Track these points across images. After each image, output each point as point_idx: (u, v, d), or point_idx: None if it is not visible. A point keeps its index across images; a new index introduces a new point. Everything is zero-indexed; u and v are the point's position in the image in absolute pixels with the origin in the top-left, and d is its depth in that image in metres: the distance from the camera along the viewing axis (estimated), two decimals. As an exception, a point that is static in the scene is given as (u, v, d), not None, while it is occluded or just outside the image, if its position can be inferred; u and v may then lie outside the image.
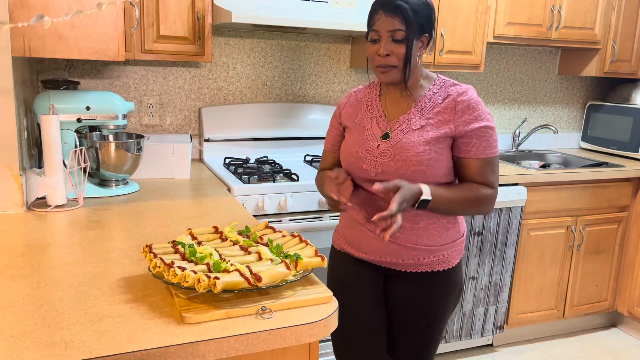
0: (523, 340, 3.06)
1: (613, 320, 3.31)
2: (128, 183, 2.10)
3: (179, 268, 1.10)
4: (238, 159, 2.59)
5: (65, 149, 1.92)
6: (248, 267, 1.12)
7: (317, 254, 1.25)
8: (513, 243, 2.74)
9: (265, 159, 2.63)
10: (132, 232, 1.59)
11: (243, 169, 2.44)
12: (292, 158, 2.76)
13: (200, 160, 2.67)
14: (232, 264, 1.13)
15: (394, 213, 1.34)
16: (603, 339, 3.15)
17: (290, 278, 1.15)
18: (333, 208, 1.53)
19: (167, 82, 2.59)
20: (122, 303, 1.12)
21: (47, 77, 2.32)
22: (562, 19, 2.92)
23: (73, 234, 1.55)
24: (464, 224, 1.66)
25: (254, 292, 1.13)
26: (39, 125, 1.85)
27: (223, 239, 1.35)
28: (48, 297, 1.14)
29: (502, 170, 2.68)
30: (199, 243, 1.29)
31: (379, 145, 1.53)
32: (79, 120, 1.95)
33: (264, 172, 2.37)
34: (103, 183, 2.05)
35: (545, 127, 3.32)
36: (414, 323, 1.63)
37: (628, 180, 3.01)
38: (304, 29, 2.49)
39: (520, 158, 3.32)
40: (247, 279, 1.08)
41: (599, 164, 3.05)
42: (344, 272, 1.67)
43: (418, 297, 1.60)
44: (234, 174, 2.35)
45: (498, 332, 2.85)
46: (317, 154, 2.76)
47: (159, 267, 1.13)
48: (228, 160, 2.59)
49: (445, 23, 2.67)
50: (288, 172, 2.39)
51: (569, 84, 3.54)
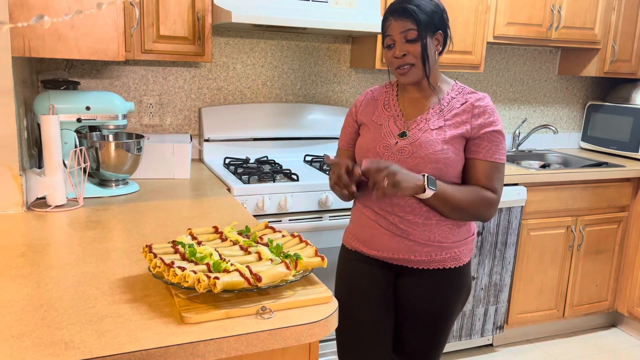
0: (523, 340, 3.06)
1: (613, 320, 3.31)
2: (128, 183, 2.10)
3: (179, 268, 1.10)
4: (238, 159, 2.59)
5: (65, 149, 1.92)
6: (248, 267, 1.11)
7: (317, 254, 1.25)
8: (513, 243, 2.74)
9: (265, 159, 2.63)
10: (132, 232, 1.59)
11: (243, 169, 2.44)
12: (292, 158, 2.76)
13: (200, 160, 2.67)
14: (232, 264, 1.13)
15: (386, 166, 1.38)
16: (603, 339, 3.15)
17: (290, 278, 1.15)
18: (343, 190, 1.55)
19: (167, 82, 2.59)
20: (122, 303, 1.12)
21: (47, 77, 2.32)
22: (562, 19, 2.92)
23: (73, 234, 1.55)
24: (474, 223, 1.66)
25: (254, 292, 1.13)
26: (39, 125, 1.85)
27: (223, 239, 1.34)
28: (48, 297, 1.14)
29: (502, 170, 2.68)
30: (199, 243, 1.29)
31: (397, 143, 1.54)
32: (79, 120, 1.95)
33: (264, 172, 2.37)
34: (103, 183, 2.05)
35: (545, 127, 3.32)
36: (423, 321, 1.63)
37: (628, 180, 3.01)
38: (304, 29, 2.49)
39: (520, 158, 3.32)
40: (247, 279, 1.08)
41: (599, 164, 3.05)
42: (355, 271, 1.67)
43: (428, 293, 1.60)
44: (234, 174, 2.35)
45: (498, 332, 2.85)
46: (317, 154, 2.76)
47: (159, 267, 1.13)
48: (228, 160, 2.59)
49: (445, 23, 2.67)
50: (288, 172, 2.39)
51: (569, 84, 3.54)
